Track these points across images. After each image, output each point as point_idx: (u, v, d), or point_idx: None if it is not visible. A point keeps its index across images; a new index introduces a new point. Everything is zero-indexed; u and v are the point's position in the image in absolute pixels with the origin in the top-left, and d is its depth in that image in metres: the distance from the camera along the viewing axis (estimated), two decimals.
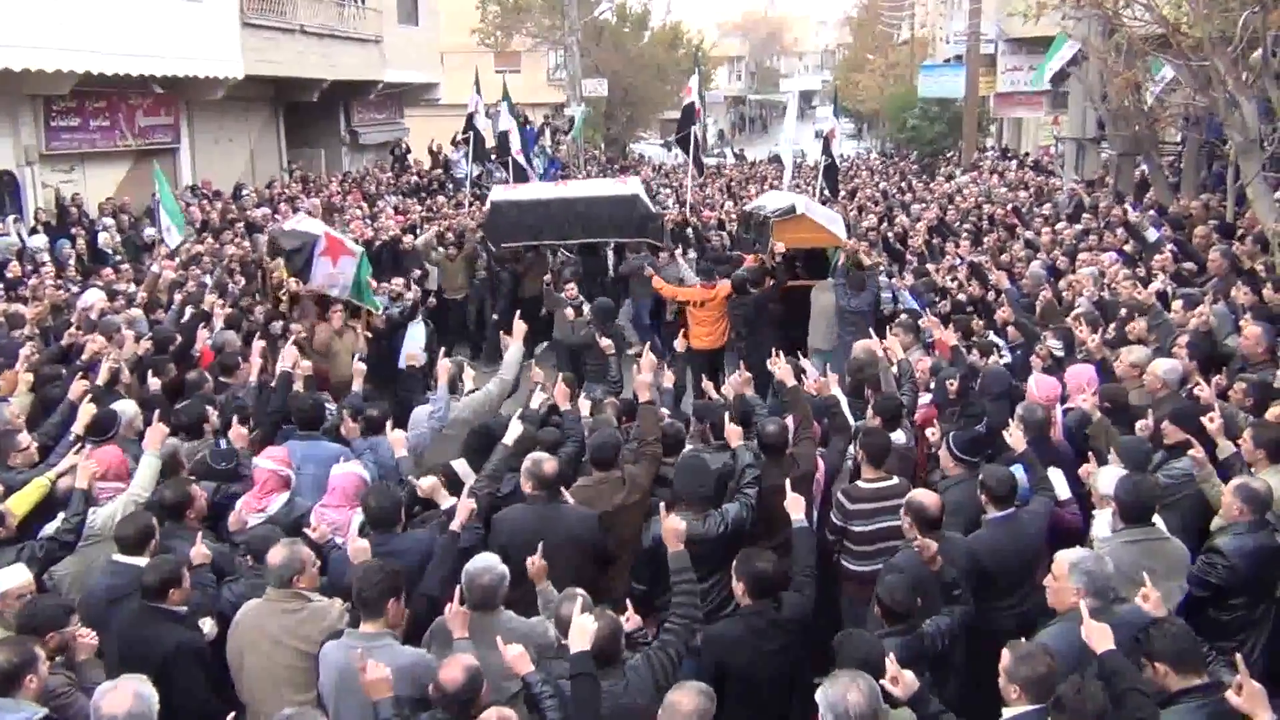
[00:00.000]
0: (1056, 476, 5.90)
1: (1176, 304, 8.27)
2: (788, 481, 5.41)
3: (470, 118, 19.21)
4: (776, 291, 10.98)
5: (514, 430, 6.04)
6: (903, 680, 3.85)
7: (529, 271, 13.31)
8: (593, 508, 5.71)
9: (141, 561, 4.91)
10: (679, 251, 13.19)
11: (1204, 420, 5.77)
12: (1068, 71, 18.02)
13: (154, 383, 7.76)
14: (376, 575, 4.36)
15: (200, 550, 5.13)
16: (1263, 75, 10.10)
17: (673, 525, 4.79)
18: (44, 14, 14.85)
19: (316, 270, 9.85)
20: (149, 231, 14.88)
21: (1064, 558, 4.51)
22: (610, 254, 15.07)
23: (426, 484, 5.62)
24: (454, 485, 5.73)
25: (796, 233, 11.53)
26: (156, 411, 6.27)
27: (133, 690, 3.72)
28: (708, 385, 8.12)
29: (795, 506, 5.25)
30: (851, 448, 6.48)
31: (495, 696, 4.17)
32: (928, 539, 4.87)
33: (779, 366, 6.74)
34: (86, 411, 6.47)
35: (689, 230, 15.98)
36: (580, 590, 4.60)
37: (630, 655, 4.35)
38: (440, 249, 13.85)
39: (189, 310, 9.59)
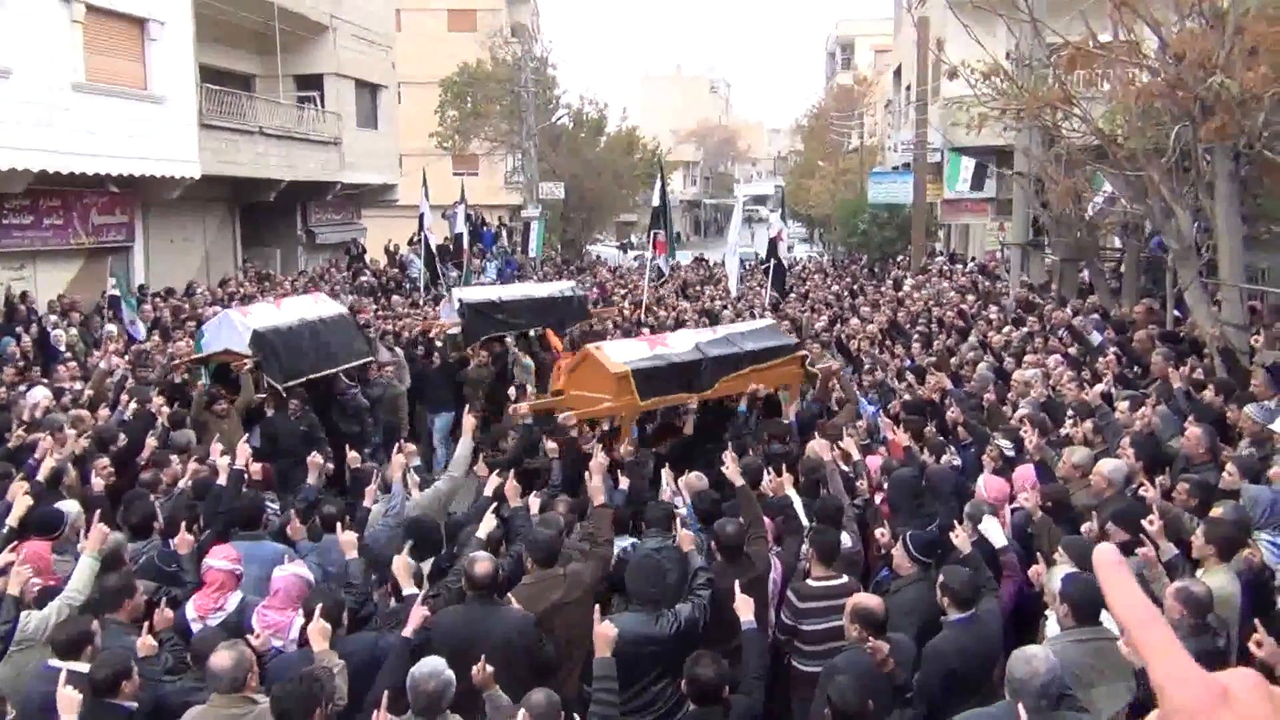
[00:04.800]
0: (991, 525, 5.95)
1: (1121, 405, 8.43)
2: (736, 584, 5.37)
3: (421, 219, 19.46)
4: None
5: (487, 524, 6.00)
6: None
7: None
8: (532, 606, 5.61)
9: (78, 666, 4.76)
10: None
11: (1144, 523, 5.83)
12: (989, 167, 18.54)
13: (97, 482, 7.62)
14: (298, 689, 4.23)
15: (147, 641, 4.99)
16: (1195, 186, 10.47)
17: (604, 631, 4.71)
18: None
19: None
20: (109, 328, 14.78)
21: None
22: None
23: (398, 563, 5.56)
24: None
25: None
26: (98, 512, 6.15)
27: None
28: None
29: (745, 609, 5.21)
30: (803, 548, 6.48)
31: None
32: (879, 641, 4.84)
33: (729, 466, 6.76)
34: (21, 505, 6.35)
35: (645, 330, 16.15)
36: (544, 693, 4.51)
37: None
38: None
39: (131, 408, 9.51)
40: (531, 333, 14.09)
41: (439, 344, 13.43)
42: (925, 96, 26.27)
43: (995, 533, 5.97)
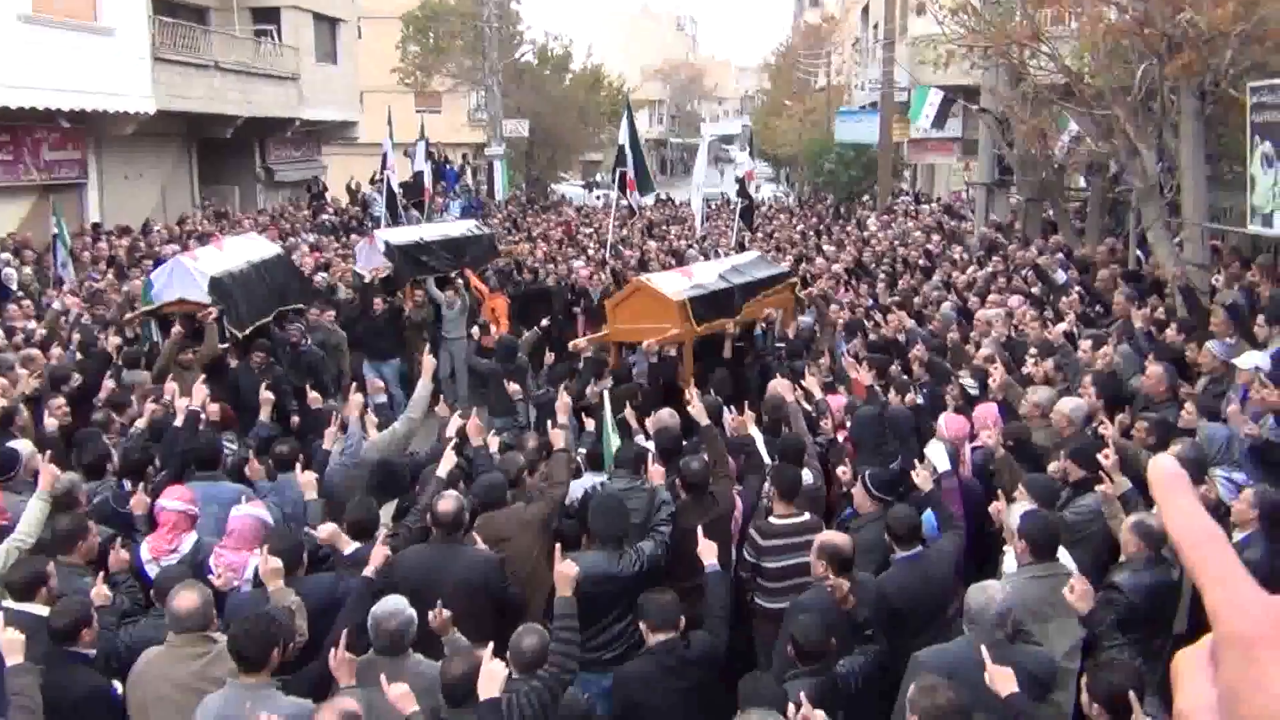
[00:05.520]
0: (935, 449, 6.00)
1: (1084, 344, 8.46)
2: (700, 529, 5.34)
3: (385, 157, 19.12)
4: None
5: (447, 461, 5.94)
6: None
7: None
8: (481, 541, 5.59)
9: (34, 608, 4.69)
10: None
11: (1099, 457, 5.87)
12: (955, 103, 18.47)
13: (50, 423, 7.48)
14: (255, 628, 4.18)
15: (102, 591, 4.91)
16: (1160, 124, 10.46)
17: (565, 570, 4.65)
18: None
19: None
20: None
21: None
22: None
23: (325, 532, 5.42)
24: (360, 529, 5.56)
25: None
26: (49, 452, 6.04)
27: None
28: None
29: (708, 552, 5.20)
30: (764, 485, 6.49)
31: None
32: (839, 579, 4.86)
33: (694, 405, 6.73)
34: None
35: (608, 270, 16.09)
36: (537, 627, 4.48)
37: None
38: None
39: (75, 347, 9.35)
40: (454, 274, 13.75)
41: (398, 293, 13.07)
42: (893, 34, 26.09)
43: (939, 457, 6.01)
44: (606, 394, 7.64)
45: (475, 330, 11.67)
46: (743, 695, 4.10)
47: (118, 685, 4.58)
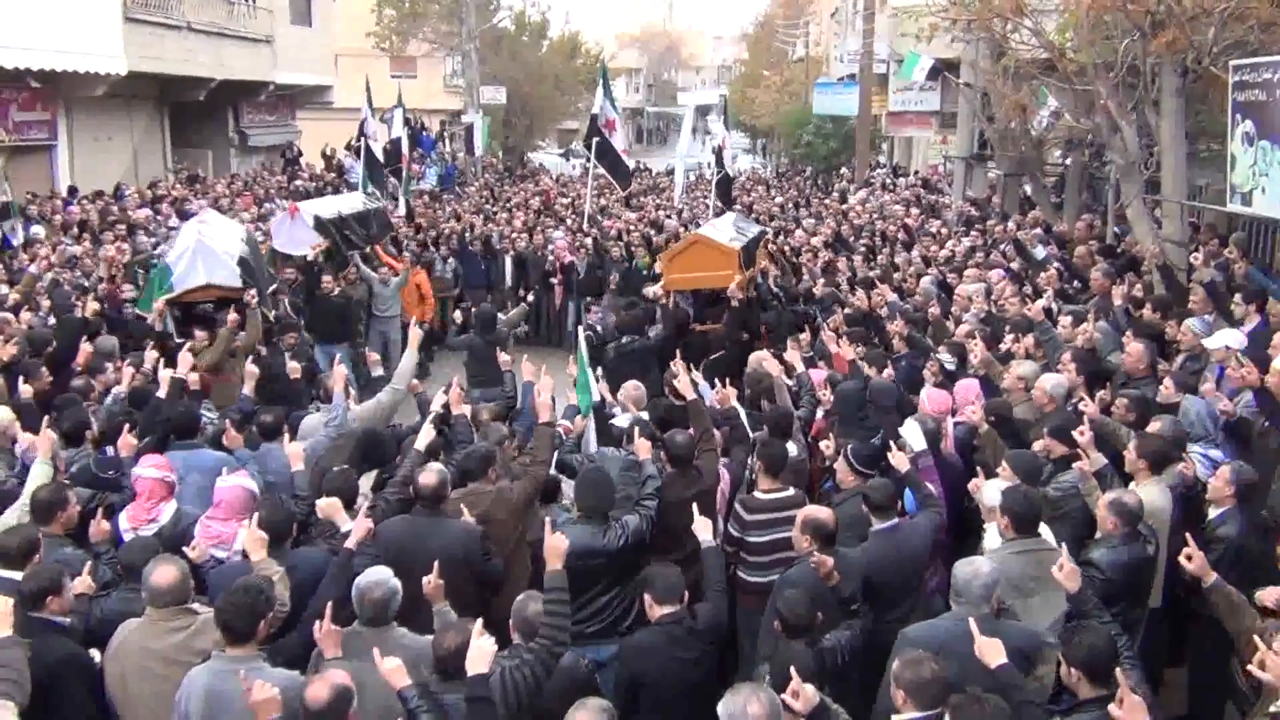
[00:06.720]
0: (910, 429, 6.04)
1: (1064, 320, 8.51)
2: (694, 506, 5.35)
3: (362, 125, 18.90)
4: None
5: (426, 434, 5.92)
6: (803, 694, 3.84)
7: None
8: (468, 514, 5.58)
9: (18, 575, 4.65)
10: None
11: (1074, 434, 5.91)
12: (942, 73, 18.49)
13: (25, 389, 7.39)
14: (245, 600, 4.15)
15: (86, 582, 4.86)
16: (1142, 101, 10.49)
17: (555, 544, 4.60)
18: None
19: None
20: (35, 229, 14.30)
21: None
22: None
23: (325, 504, 5.39)
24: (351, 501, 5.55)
25: None
26: (45, 419, 6.00)
27: None
28: None
29: (703, 529, 5.20)
30: (750, 458, 6.50)
31: (384, 716, 4.03)
32: (825, 554, 4.88)
33: (679, 380, 6.73)
34: None
35: (588, 240, 16.05)
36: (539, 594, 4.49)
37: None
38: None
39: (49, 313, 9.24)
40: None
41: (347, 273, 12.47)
42: (872, 5, 26.00)
43: (915, 436, 6.03)
44: (583, 337, 7.83)
45: (457, 315, 11.62)
46: (772, 664, 4.15)
47: (95, 654, 4.55)
